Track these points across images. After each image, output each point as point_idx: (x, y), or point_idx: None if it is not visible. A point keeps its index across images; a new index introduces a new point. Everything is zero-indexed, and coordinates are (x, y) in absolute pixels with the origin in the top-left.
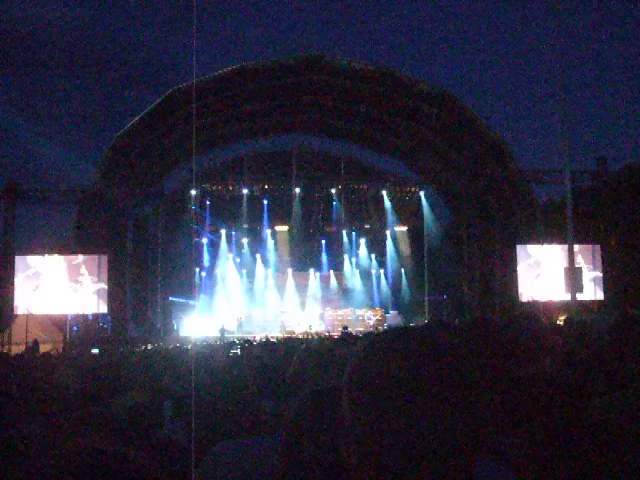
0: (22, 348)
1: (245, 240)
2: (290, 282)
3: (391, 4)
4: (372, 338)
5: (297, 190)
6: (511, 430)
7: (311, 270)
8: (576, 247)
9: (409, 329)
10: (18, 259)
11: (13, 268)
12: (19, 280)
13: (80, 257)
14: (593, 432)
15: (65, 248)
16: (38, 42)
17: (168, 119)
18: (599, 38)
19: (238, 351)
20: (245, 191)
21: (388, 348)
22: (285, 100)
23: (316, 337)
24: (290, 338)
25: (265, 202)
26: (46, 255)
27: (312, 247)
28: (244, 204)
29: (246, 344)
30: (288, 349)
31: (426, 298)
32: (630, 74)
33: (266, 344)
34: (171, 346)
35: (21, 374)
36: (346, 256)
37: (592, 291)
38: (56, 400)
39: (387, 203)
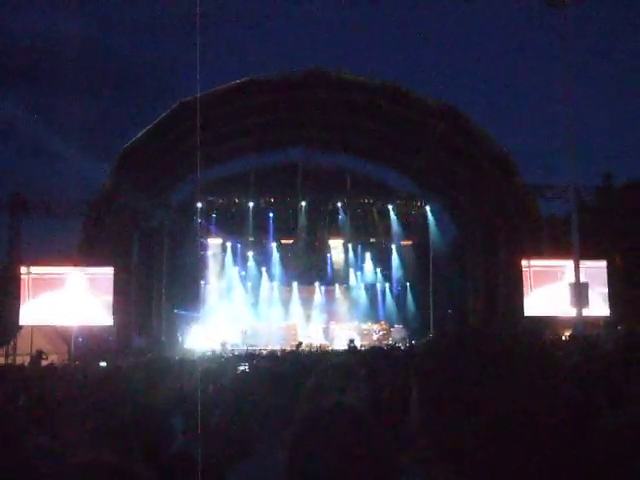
0: (26, 359)
1: (250, 253)
2: (295, 295)
3: (397, 19)
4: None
5: (303, 203)
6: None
7: (316, 283)
8: (581, 262)
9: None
10: (24, 270)
11: (18, 279)
12: (24, 291)
13: (86, 269)
14: (597, 448)
15: (71, 260)
16: (41, 53)
17: (175, 131)
18: (606, 53)
19: (246, 367)
20: (251, 204)
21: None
22: (291, 114)
23: (320, 351)
24: (293, 351)
25: (271, 215)
26: (52, 267)
27: (317, 261)
28: (249, 217)
29: (254, 361)
30: (293, 362)
31: (431, 312)
32: (638, 89)
33: (272, 357)
34: (177, 357)
35: (26, 386)
36: (351, 270)
37: (597, 307)
38: (62, 411)
39: (393, 217)
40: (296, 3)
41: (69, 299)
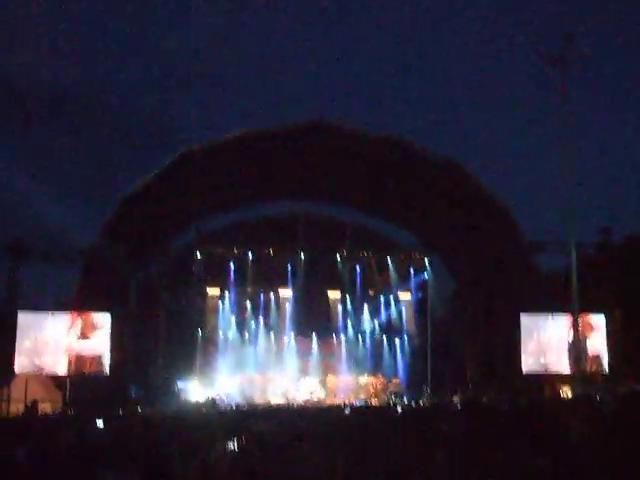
0: (21, 407)
1: (248, 303)
2: (292, 347)
3: (399, 73)
4: None
5: (301, 255)
6: None
7: (314, 335)
8: (580, 317)
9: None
10: (20, 316)
11: (15, 325)
12: (20, 337)
13: (82, 316)
14: None
15: (68, 306)
16: (42, 102)
17: (174, 181)
18: (604, 108)
19: (235, 445)
20: (249, 254)
21: None
22: (292, 164)
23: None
24: (291, 408)
25: (269, 266)
26: (48, 313)
27: (315, 312)
28: (248, 267)
29: (242, 437)
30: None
31: (429, 366)
32: (636, 144)
33: (269, 417)
34: (170, 412)
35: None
36: (349, 322)
37: (596, 362)
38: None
39: (391, 270)
40: (298, 55)
41: (65, 346)
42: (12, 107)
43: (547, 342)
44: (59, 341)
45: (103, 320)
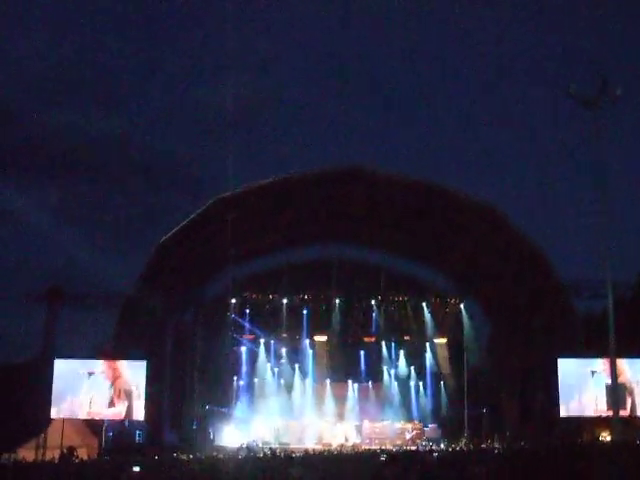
0: (57, 453)
1: (284, 349)
2: (328, 393)
3: (433, 117)
4: None
5: (336, 300)
6: None
7: (349, 381)
8: (619, 361)
9: None
10: (57, 362)
11: (51, 371)
12: (57, 383)
13: (119, 362)
14: None
15: (104, 353)
16: (77, 149)
17: (210, 227)
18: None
19: None
20: (285, 300)
21: None
22: (327, 210)
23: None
24: (327, 454)
25: (304, 312)
26: (85, 359)
27: (351, 358)
28: (283, 313)
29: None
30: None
31: (465, 411)
32: None
33: (306, 463)
34: (206, 458)
35: None
36: (385, 367)
37: (635, 407)
38: None
39: (427, 315)
40: (333, 102)
41: (101, 392)
42: (51, 156)
43: (584, 386)
44: (95, 388)
45: (139, 366)
